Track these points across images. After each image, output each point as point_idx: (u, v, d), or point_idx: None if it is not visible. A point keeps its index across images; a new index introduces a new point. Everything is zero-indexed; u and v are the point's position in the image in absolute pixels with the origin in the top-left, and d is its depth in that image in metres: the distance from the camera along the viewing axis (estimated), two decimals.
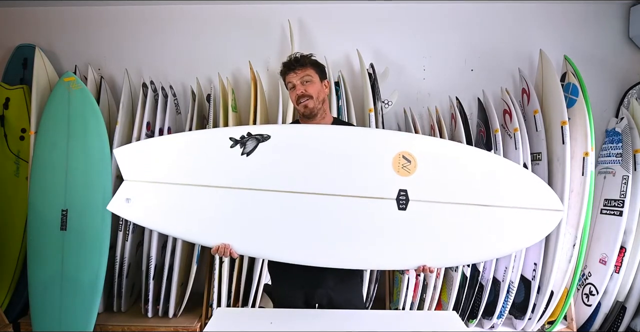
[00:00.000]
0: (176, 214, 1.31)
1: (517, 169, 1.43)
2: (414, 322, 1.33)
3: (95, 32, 2.65)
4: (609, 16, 2.59)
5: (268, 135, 1.31)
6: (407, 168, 1.31)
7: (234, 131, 1.31)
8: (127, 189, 1.29)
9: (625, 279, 2.16)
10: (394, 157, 1.31)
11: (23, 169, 2.37)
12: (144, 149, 1.34)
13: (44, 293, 2.04)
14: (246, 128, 1.31)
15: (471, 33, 2.62)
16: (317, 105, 1.47)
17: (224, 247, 1.28)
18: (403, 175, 1.31)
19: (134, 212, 1.30)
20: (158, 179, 1.29)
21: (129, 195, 1.28)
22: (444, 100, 2.55)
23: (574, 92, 2.23)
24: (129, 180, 1.29)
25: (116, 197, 1.28)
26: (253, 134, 1.31)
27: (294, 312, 1.37)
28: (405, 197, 1.30)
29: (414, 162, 1.31)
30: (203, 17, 2.64)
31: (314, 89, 1.46)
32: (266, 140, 1.30)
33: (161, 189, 1.29)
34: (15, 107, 2.40)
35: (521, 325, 2.23)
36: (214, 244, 1.29)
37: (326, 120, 1.52)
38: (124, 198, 1.28)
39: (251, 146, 1.30)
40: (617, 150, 2.27)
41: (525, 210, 1.33)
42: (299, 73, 1.45)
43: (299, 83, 1.45)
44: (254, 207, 1.30)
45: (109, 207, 1.29)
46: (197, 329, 2.20)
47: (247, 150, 1.30)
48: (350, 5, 2.60)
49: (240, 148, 1.30)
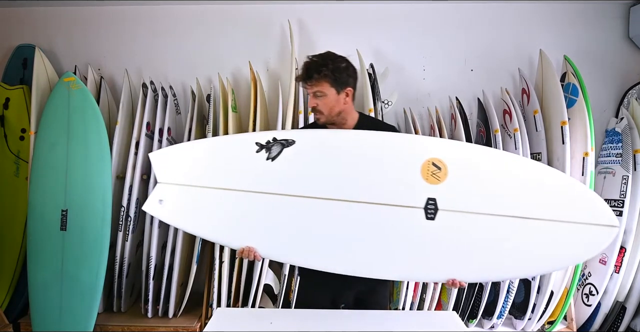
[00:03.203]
0: (204, 216, 1.34)
1: (563, 178, 1.33)
2: (414, 322, 1.33)
3: (95, 32, 2.65)
4: (609, 16, 2.59)
5: (293, 140, 1.31)
6: (436, 175, 1.25)
7: (260, 136, 1.32)
8: (160, 191, 1.33)
9: (625, 279, 2.16)
10: (423, 163, 1.26)
11: (23, 169, 2.37)
12: (176, 154, 1.37)
13: (43, 293, 2.04)
14: (272, 133, 1.32)
15: (471, 33, 2.62)
16: (331, 119, 1.40)
17: (248, 249, 1.29)
18: (432, 183, 1.25)
19: (165, 213, 1.34)
20: (188, 182, 1.33)
21: (161, 196, 1.32)
22: (444, 101, 2.55)
23: (573, 92, 2.23)
24: (162, 182, 1.33)
25: (150, 198, 1.33)
26: (278, 139, 1.31)
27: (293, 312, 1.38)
28: (434, 206, 1.25)
29: (445, 170, 1.25)
30: (203, 17, 2.64)
31: (326, 105, 1.37)
32: (291, 145, 1.31)
33: (191, 191, 1.33)
34: (15, 107, 2.40)
35: (521, 325, 2.23)
36: (239, 246, 1.30)
37: (349, 123, 1.45)
38: (157, 199, 1.32)
39: (276, 151, 1.31)
40: (617, 150, 2.27)
41: (571, 224, 1.21)
42: (312, 86, 1.36)
43: (312, 96, 1.38)
44: (279, 211, 1.31)
45: (144, 208, 1.33)
46: (197, 329, 2.20)
47: (272, 155, 1.31)
48: (350, 6, 2.60)
49: (265, 153, 1.31)
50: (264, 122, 2.36)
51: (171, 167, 1.34)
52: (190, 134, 2.28)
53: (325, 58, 1.36)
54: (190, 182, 1.33)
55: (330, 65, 1.34)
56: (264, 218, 1.32)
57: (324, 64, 1.34)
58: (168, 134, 2.33)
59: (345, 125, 1.45)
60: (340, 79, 1.37)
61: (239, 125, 2.44)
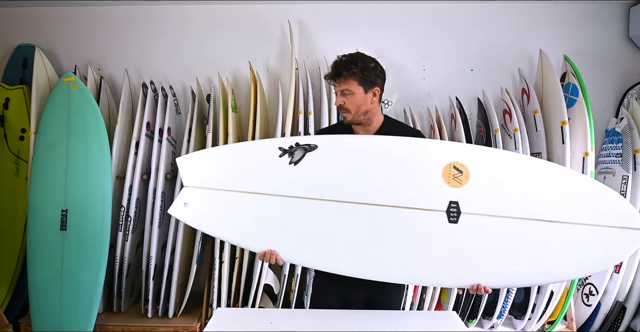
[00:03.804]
0: (227, 219, 1.35)
1: (587, 182, 1.32)
2: (414, 322, 1.33)
3: (95, 32, 2.65)
4: (609, 16, 2.59)
5: (315, 145, 1.32)
6: (458, 179, 1.26)
7: (283, 142, 1.34)
8: (185, 195, 1.34)
9: (625, 279, 2.16)
10: (444, 167, 1.27)
11: (23, 169, 2.37)
12: (201, 158, 1.39)
13: (43, 293, 2.04)
14: (295, 139, 1.33)
15: (471, 33, 2.62)
16: (358, 118, 1.41)
17: (270, 253, 1.29)
18: (454, 186, 1.26)
19: (190, 216, 1.35)
20: (213, 186, 1.34)
21: (187, 200, 1.34)
22: (444, 101, 2.56)
23: (573, 92, 2.23)
24: (187, 186, 1.35)
25: (176, 201, 1.34)
26: (301, 144, 1.33)
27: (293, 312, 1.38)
28: (456, 209, 1.25)
29: (466, 173, 1.26)
30: (203, 18, 2.64)
31: (353, 103, 1.38)
32: (313, 149, 1.32)
33: (215, 195, 1.34)
34: (15, 107, 2.40)
35: (521, 325, 2.23)
36: (260, 250, 1.31)
37: (374, 125, 1.45)
38: (183, 203, 1.34)
39: (299, 156, 1.32)
40: (617, 150, 2.27)
41: (598, 228, 1.20)
42: (341, 84, 1.38)
43: (339, 93, 1.39)
44: (301, 215, 1.31)
45: (170, 211, 1.34)
46: (197, 329, 2.20)
47: (294, 160, 1.32)
48: (350, 6, 2.61)
49: (288, 157, 1.32)
50: (263, 122, 2.36)
51: (197, 171, 1.36)
52: (190, 134, 2.28)
53: (354, 57, 1.38)
54: (214, 186, 1.34)
55: (359, 64, 1.36)
56: (286, 222, 1.32)
57: (353, 63, 1.36)
58: (168, 134, 2.33)
59: (370, 126, 1.45)
60: (369, 78, 1.38)
61: (238, 126, 2.45)
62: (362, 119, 1.42)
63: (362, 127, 1.45)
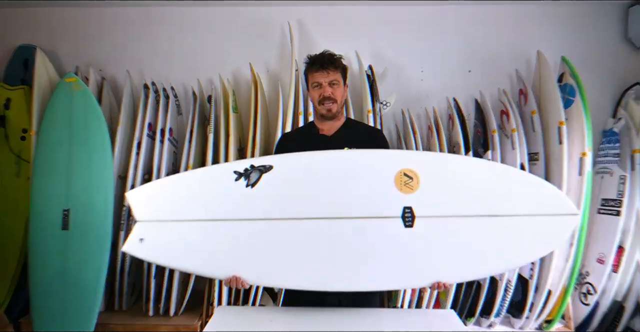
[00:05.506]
0: (187, 250, 1.33)
1: (524, 176, 1.40)
2: (412, 320, 1.34)
3: (97, 33, 2.67)
4: (607, 17, 2.61)
5: (270, 165, 1.33)
6: (409, 185, 1.32)
7: (238, 165, 1.34)
8: (140, 230, 1.31)
9: (623, 278, 2.17)
10: (396, 175, 1.32)
11: (24, 169, 2.38)
12: (153, 190, 1.36)
13: (45, 293, 2.05)
14: (249, 161, 1.34)
15: (469, 34, 2.64)
16: (338, 110, 1.51)
17: (234, 279, 1.29)
18: (406, 192, 1.31)
19: (148, 251, 1.32)
20: (168, 218, 1.32)
21: (142, 235, 1.31)
22: (442, 101, 2.57)
23: (571, 93, 2.25)
24: (141, 221, 1.31)
25: (130, 238, 1.31)
26: (256, 166, 1.33)
27: (293, 311, 1.39)
28: (410, 214, 1.30)
29: (416, 179, 1.32)
30: (204, 19, 2.65)
31: (339, 94, 1.48)
32: (269, 170, 1.33)
33: (171, 226, 1.32)
34: (16, 107, 2.41)
35: (519, 324, 2.24)
36: (225, 277, 1.30)
37: (340, 121, 1.56)
38: (138, 239, 1.30)
39: (255, 177, 1.33)
40: (615, 150, 2.28)
41: (537, 217, 1.31)
42: (330, 75, 1.46)
43: (327, 84, 1.46)
44: (261, 236, 1.32)
45: (125, 249, 1.30)
46: (198, 328, 2.21)
47: (251, 182, 1.32)
48: (350, 8, 2.62)
49: (244, 180, 1.33)
50: (264, 123, 2.37)
51: (150, 204, 1.32)
52: (192, 134, 2.29)
53: (333, 54, 1.50)
54: (170, 217, 1.32)
55: (340, 59, 1.50)
56: (247, 245, 1.32)
57: (339, 59, 1.50)
58: (170, 135, 2.35)
59: (339, 121, 1.55)
60: (345, 73, 1.53)
61: (239, 126, 2.46)
62: (340, 111, 1.52)
63: (331, 123, 1.53)
